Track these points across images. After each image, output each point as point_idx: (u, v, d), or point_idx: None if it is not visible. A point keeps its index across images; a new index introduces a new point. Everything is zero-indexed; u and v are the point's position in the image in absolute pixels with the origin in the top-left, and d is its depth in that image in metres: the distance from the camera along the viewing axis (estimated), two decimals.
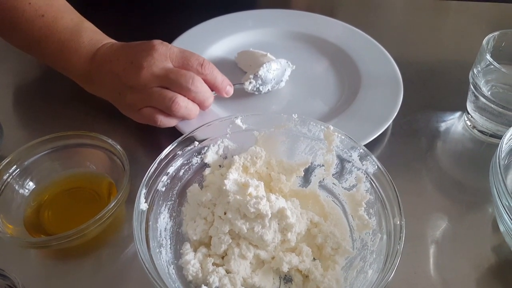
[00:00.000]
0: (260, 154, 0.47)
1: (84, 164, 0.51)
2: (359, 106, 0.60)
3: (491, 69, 0.54)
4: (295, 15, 0.78)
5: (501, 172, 0.43)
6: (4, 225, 0.44)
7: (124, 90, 0.52)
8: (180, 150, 0.45)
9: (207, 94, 0.54)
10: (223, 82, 0.56)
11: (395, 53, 0.68)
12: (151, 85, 0.51)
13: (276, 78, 0.62)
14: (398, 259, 0.36)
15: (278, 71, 0.62)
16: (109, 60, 0.53)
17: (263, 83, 0.61)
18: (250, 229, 0.41)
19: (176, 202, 0.45)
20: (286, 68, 0.64)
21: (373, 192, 0.43)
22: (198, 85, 0.52)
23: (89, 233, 0.43)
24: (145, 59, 0.50)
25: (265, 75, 0.61)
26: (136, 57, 0.51)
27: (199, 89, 0.52)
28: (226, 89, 0.57)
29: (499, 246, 0.47)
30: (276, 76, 0.62)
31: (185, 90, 0.51)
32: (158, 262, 0.38)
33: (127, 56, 0.52)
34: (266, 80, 0.61)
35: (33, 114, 0.62)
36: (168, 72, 0.51)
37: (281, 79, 0.63)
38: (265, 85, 0.61)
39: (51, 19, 0.55)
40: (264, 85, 0.61)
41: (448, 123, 0.62)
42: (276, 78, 0.62)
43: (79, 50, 0.54)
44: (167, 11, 0.82)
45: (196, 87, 0.51)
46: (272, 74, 0.62)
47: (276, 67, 0.62)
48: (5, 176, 0.47)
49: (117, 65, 0.52)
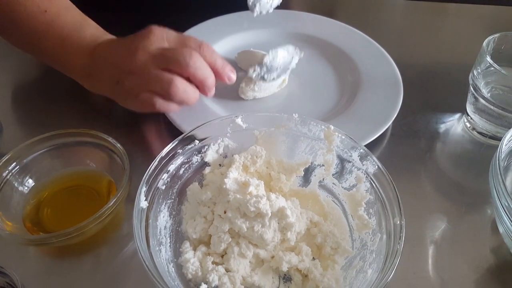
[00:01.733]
0: (260, 154, 0.47)
1: (84, 162, 0.51)
2: (359, 107, 0.60)
3: (491, 71, 0.54)
4: (295, 16, 0.78)
5: (501, 174, 0.43)
6: (3, 222, 0.44)
7: (122, 77, 0.51)
8: (180, 148, 0.45)
9: (207, 72, 0.51)
10: (224, 67, 0.53)
11: (395, 55, 0.69)
12: (149, 67, 0.49)
13: (282, 66, 0.60)
14: (398, 259, 0.36)
15: (285, 59, 0.60)
16: (109, 52, 0.52)
17: (268, 70, 0.58)
18: (250, 228, 0.41)
19: (176, 201, 0.45)
20: (293, 55, 0.62)
21: (373, 192, 0.43)
22: (196, 60, 0.49)
23: (88, 231, 0.43)
24: (142, 42, 0.50)
25: (270, 62, 0.58)
26: (134, 43, 0.51)
27: (197, 64, 0.49)
28: (228, 74, 0.54)
29: (498, 247, 0.47)
30: (283, 64, 0.60)
31: (184, 67, 0.49)
32: (158, 260, 0.38)
33: (125, 45, 0.52)
34: (272, 68, 0.58)
35: (32, 112, 0.62)
36: (165, 51, 0.50)
37: (288, 67, 0.61)
38: (270, 73, 0.59)
39: (54, 15, 0.54)
40: (269, 73, 0.59)
41: (448, 125, 0.62)
42: (282, 66, 0.60)
43: (80, 45, 0.54)
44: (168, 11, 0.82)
45: (195, 62, 0.49)
46: (278, 61, 0.59)
47: (283, 54, 0.59)
48: (5, 173, 0.47)
49: (116, 55, 0.51)
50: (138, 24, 0.53)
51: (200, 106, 0.58)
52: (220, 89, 0.63)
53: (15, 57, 0.69)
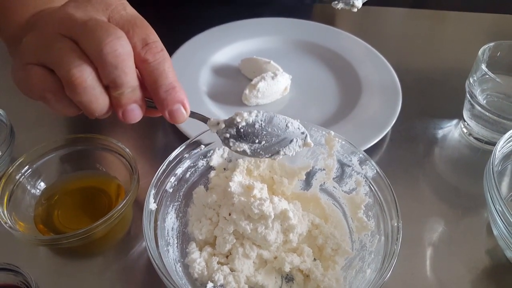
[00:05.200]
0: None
1: (94, 166, 0.53)
2: (359, 112, 0.62)
3: (487, 78, 0.56)
4: (297, 24, 0.80)
5: (495, 178, 0.44)
6: (16, 222, 0.46)
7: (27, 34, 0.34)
8: (187, 153, 0.46)
9: (127, 78, 0.31)
10: (171, 90, 0.33)
11: (394, 62, 0.71)
12: (60, 29, 0.32)
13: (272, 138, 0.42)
14: (395, 259, 0.37)
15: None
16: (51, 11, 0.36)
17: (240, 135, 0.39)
18: (254, 230, 0.42)
19: (182, 203, 0.47)
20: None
21: (372, 195, 0.45)
22: (117, 50, 0.30)
23: (98, 232, 0.45)
24: (80, 1, 0.33)
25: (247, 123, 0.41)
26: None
27: (118, 58, 0.30)
28: (175, 107, 0.33)
29: (493, 249, 0.49)
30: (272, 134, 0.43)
31: (94, 53, 0.30)
32: (166, 260, 0.40)
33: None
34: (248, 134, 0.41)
35: (44, 118, 0.63)
36: (86, 21, 0.31)
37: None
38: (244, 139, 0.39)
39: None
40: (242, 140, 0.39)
41: (445, 130, 0.64)
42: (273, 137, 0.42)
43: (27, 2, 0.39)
44: (172, 18, 0.84)
45: (114, 51, 0.30)
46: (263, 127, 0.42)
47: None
48: (17, 176, 0.49)
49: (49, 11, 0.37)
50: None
51: (204, 112, 0.59)
52: (224, 96, 0.65)
53: None
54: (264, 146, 0.38)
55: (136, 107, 0.33)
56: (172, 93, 0.33)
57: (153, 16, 0.40)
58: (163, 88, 0.33)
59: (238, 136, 0.37)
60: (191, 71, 0.68)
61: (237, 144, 0.37)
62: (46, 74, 0.32)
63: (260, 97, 0.63)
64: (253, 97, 0.63)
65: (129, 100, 0.33)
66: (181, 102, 0.33)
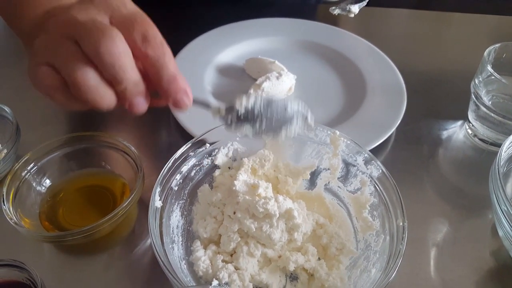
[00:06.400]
0: (268, 157, 0.49)
1: (99, 164, 0.53)
2: (364, 113, 0.62)
3: (492, 79, 0.56)
4: (302, 24, 0.80)
5: (500, 179, 0.44)
6: (21, 219, 0.46)
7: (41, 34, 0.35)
8: (192, 151, 0.46)
9: (126, 75, 0.33)
10: (173, 81, 0.35)
11: (399, 63, 0.70)
12: (64, 32, 0.33)
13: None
14: (400, 259, 0.37)
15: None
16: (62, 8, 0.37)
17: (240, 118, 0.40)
18: (258, 228, 0.42)
19: (187, 202, 0.47)
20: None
21: (377, 195, 0.45)
22: (112, 50, 0.31)
23: (102, 230, 0.45)
24: (84, 1, 0.35)
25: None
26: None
27: (114, 57, 0.31)
28: (178, 96, 0.35)
29: (498, 250, 0.49)
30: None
31: (92, 53, 0.32)
32: (171, 257, 0.40)
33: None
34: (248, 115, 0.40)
35: (49, 115, 0.63)
36: (85, 22, 0.33)
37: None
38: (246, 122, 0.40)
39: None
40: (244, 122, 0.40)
41: (450, 131, 0.64)
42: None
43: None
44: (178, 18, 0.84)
45: (110, 50, 0.31)
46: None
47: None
48: (23, 173, 0.49)
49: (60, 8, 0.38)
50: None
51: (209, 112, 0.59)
52: (229, 95, 0.65)
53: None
54: (265, 128, 0.39)
55: (141, 100, 0.36)
56: (174, 83, 0.35)
57: (159, 16, 0.40)
58: (165, 79, 0.34)
59: (239, 120, 0.39)
60: (196, 71, 0.69)
61: (238, 127, 0.39)
62: (54, 74, 0.34)
63: None
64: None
65: (133, 93, 0.35)
66: (183, 90, 0.36)
